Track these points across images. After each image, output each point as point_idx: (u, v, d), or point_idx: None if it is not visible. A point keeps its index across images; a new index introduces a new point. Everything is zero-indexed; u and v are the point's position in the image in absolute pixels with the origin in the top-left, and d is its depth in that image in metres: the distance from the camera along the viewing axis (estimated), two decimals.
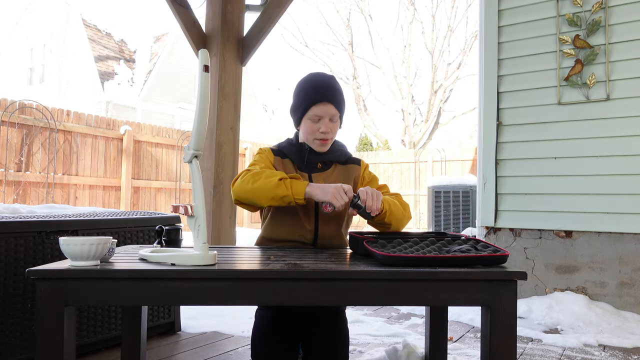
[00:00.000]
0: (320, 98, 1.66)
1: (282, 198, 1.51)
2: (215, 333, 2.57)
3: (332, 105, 1.67)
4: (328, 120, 1.67)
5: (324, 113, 1.66)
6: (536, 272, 3.33)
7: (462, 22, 25.93)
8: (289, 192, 1.50)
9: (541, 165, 3.35)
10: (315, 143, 1.70)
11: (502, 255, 1.27)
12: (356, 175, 1.80)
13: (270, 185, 1.52)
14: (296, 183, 1.53)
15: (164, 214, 2.52)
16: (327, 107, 1.66)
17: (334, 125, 1.70)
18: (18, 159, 6.92)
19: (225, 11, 3.76)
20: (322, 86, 1.69)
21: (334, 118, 1.69)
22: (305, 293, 1.19)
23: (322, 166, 1.74)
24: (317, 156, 1.73)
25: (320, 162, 1.74)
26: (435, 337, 1.71)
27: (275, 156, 1.72)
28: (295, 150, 1.73)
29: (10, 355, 1.84)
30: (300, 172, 1.71)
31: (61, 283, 1.15)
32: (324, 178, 1.72)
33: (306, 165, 1.72)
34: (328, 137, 1.69)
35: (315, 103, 1.66)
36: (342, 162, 1.79)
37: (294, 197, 1.50)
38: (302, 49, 25.61)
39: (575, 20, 3.25)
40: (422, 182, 11.13)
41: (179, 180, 9.29)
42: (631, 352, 2.38)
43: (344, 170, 1.78)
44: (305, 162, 1.72)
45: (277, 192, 1.50)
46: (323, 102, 1.66)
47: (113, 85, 14.18)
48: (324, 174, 1.74)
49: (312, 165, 1.73)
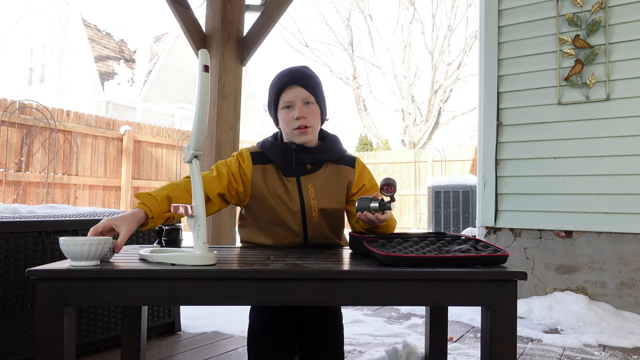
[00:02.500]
0: (287, 82, 1.56)
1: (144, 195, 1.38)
2: (215, 333, 2.57)
3: (302, 88, 1.55)
4: (301, 104, 1.55)
5: (294, 97, 1.55)
6: (536, 272, 3.33)
7: (462, 22, 25.92)
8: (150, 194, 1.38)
9: (541, 165, 3.35)
10: (294, 134, 1.55)
11: (502, 255, 1.27)
12: (349, 181, 1.65)
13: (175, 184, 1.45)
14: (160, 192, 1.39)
15: None
16: (297, 90, 1.55)
17: (310, 110, 1.56)
18: (18, 159, 6.92)
19: (225, 11, 3.76)
20: (288, 72, 1.59)
21: (308, 101, 1.56)
22: (305, 293, 1.19)
23: (312, 167, 1.59)
24: (305, 154, 1.57)
25: (310, 163, 1.59)
26: (435, 337, 1.71)
27: (254, 165, 1.58)
28: (279, 152, 1.57)
29: (10, 355, 1.84)
30: (287, 177, 1.58)
31: (61, 283, 1.15)
32: (314, 181, 1.59)
33: (295, 168, 1.57)
34: (306, 123, 1.54)
35: (284, 89, 1.56)
36: (334, 160, 1.64)
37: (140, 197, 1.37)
38: (302, 49, 25.60)
39: (575, 20, 3.25)
40: (422, 182, 11.14)
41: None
42: (631, 352, 2.38)
43: (336, 172, 1.64)
44: (293, 164, 1.57)
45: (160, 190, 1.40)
46: (291, 85, 1.55)
47: (113, 85, 14.18)
48: (313, 177, 1.60)
49: (301, 167, 1.58)
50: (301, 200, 1.58)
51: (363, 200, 1.42)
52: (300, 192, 1.58)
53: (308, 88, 1.56)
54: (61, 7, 15.27)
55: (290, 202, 1.57)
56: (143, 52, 15.75)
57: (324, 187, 1.61)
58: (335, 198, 1.63)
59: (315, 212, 1.59)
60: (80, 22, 14.68)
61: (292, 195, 1.58)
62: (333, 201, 1.62)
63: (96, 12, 15.83)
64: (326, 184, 1.61)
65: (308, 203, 1.58)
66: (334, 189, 1.63)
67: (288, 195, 1.58)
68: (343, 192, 1.65)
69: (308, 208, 1.58)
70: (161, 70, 15.24)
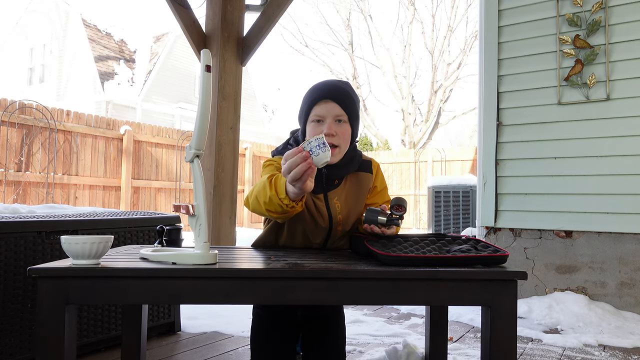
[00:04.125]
0: (321, 96, 1.47)
1: (271, 200, 1.30)
2: (215, 333, 2.57)
3: (336, 104, 1.46)
4: (332, 121, 1.46)
5: (326, 112, 1.46)
6: (536, 272, 3.33)
7: (462, 22, 25.94)
8: (273, 192, 1.30)
9: (541, 165, 3.35)
10: None
11: (502, 255, 1.27)
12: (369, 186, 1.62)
13: (261, 187, 1.35)
14: (280, 178, 1.31)
15: (164, 214, 2.52)
16: (330, 106, 1.46)
17: (341, 128, 1.47)
18: (18, 159, 6.92)
19: (225, 11, 3.76)
20: (326, 85, 1.51)
21: (340, 119, 1.47)
22: (306, 292, 1.19)
23: (338, 182, 1.54)
24: (333, 171, 1.50)
25: (337, 178, 1.53)
26: (435, 337, 1.71)
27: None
28: None
29: (10, 355, 1.84)
30: (315, 195, 1.51)
31: (62, 281, 1.15)
32: (339, 195, 1.54)
33: (325, 185, 1.52)
34: (333, 141, 1.44)
35: (317, 102, 1.47)
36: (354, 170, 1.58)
37: (279, 196, 1.29)
38: (302, 49, 25.59)
39: (575, 20, 3.25)
40: (422, 182, 11.14)
41: (179, 180, 9.29)
42: (631, 352, 2.38)
43: (357, 182, 1.59)
44: (323, 182, 1.51)
45: (265, 195, 1.32)
46: (324, 99, 1.46)
47: (113, 85, 14.19)
48: (337, 191, 1.55)
49: (330, 183, 1.52)
50: (329, 216, 1.53)
51: (371, 212, 1.39)
52: (328, 209, 1.53)
53: (342, 105, 1.47)
54: (61, 7, 15.27)
55: (320, 219, 1.52)
56: (143, 52, 15.75)
57: (348, 199, 1.56)
58: (357, 208, 1.59)
59: (339, 227, 1.56)
60: (80, 22, 14.69)
61: (321, 211, 1.52)
62: (355, 213, 1.58)
63: (96, 12, 15.84)
64: (350, 196, 1.57)
65: (335, 219, 1.54)
66: (356, 199, 1.58)
67: (318, 211, 1.52)
68: (364, 199, 1.61)
69: (335, 224, 1.55)
70: (161, 70, 15.24)
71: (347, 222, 1.57)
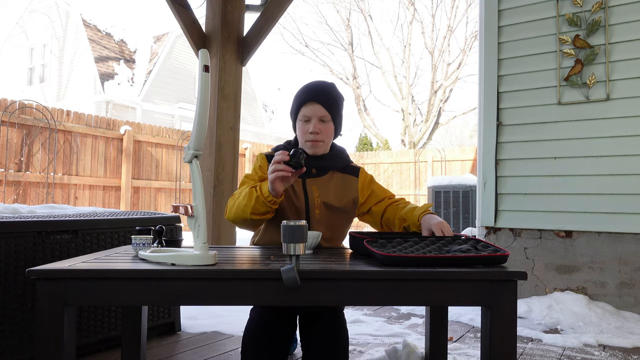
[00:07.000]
0: (308, 98, 1.69)
1: (257, 201, 1.52)
2: (215, 333, 2.57)
3: (320, 106, 1.68)
4: (317, 120, 1.68)
5: (312, 113, 1.68)
6: (536, 272, 3.33)
7: (462, 22, 25.96)
8: (258, 192, 1.53)
9: (541, 165, 3.35)
10: (307, 145, 1.71)
11: (502, 255, 1.27)
12: (354, 190, 1.78)
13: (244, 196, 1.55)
14: (264, 183, 1.54)
15: (164, 214, 2.52)
16: (315, 107, 1.68)
17: (325, 126, 1.70)
18: (18, 159, 6.93)
19: (225, 11, 3.76)
20: (312, 88, 1.71)
21: (324, 119, 1.69)
22: (306, 293, 1.19)
23: (317, 172, 1.73)
24: (313, 160, 1.72)
25: (315, 167, 1.73)
26: (435, 337, 1.71)
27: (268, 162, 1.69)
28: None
29: (10, 355, 1.84)
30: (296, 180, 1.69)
31: (61, 283, 1.15)
32: (319, 185, 1.72)
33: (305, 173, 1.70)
34: (318, 138, 1.69)
35: (304, 103, 1.69)
36: (339, 169, 1.78)
37: (262, 194, 1.51)
38: (302, 49, 25.60)
39: (575, 20, 3.25)
40: (422, 182, 11.14)
41: (179, 181, 9.29)
42: (631, 352, 2.38)
43: (342, 180, 1.77)
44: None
45: (251, 199, 1.53)
46: (311, 101, 1.68)
47: (113, 86, 14.18)
48: (318, 180, 1.73)
49: (308, 171, 1.71)
50: (305, 197, 1.70)
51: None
52: (305, 191, 1.70)
53: (326, 106, 1.69)
54: (61, 7, 15.27)
55: (295, 199, 1.69)
56: (143, 52, 15.75)
57: (327, 189, 1.73)
58: (337, 199, 1.73)
59: (317, 210, 1.69)
60: (80, 22, 14.68)
61: (298, 193, 1.70)
62: (335, 200, 1.72)
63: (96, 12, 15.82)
64: (330, 187, 1.74)
65: (312, 201, 1.70)
66: (337, 192, 1.74)
67: (294, 193, 1.69)
68: (348, 200, 1.76)
69: (312, 206, 1.69)
70: (161, 71, 15.23)
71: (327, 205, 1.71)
